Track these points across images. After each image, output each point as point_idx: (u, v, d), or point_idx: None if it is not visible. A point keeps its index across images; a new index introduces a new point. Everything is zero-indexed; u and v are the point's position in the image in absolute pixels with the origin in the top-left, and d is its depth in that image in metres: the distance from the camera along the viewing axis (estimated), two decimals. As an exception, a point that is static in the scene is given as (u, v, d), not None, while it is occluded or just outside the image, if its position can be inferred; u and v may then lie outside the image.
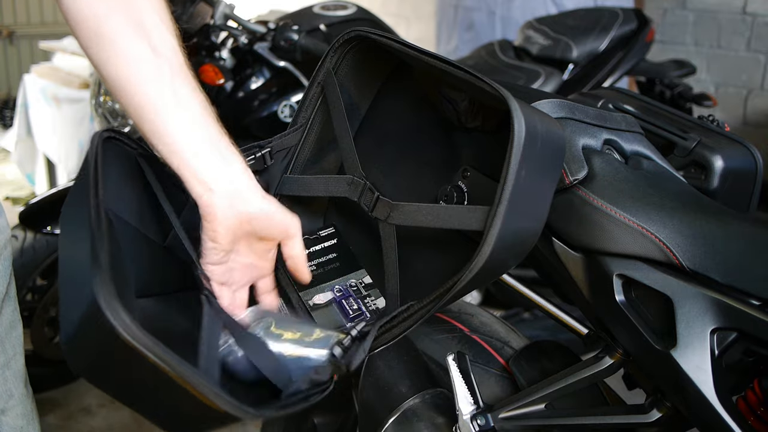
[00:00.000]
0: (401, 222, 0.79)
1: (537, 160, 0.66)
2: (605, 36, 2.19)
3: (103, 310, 0.53)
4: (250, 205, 0.70)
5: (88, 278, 0.55)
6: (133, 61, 0.66)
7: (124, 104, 0.68)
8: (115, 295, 0.54)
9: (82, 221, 0.62)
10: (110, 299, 0.54)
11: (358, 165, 0.84)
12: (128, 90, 0.67)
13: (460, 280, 0.66)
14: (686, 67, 2.42)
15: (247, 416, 0.59)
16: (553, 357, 0.94)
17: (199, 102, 0.69)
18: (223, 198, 0.68)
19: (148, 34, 0.67)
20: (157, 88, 0.66)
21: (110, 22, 0.66)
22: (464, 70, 0.69)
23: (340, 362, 0.73)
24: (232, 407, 0.57)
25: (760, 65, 2.90)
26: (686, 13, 3.10)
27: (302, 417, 1.19)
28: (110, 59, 0.67)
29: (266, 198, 0.72)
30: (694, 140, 0.88)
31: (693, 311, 0.68)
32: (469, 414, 0.84)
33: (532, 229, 0.70)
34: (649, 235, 0.71)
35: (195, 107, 0.69)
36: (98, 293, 0.54)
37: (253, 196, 0.71)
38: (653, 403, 0.76)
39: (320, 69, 0.87)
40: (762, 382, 0.69)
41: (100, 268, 0.56)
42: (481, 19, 3.46)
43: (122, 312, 0.53)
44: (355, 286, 0.91)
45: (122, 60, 0.66)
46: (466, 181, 0.86)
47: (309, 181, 0.89)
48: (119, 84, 0.67)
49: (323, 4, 2.14)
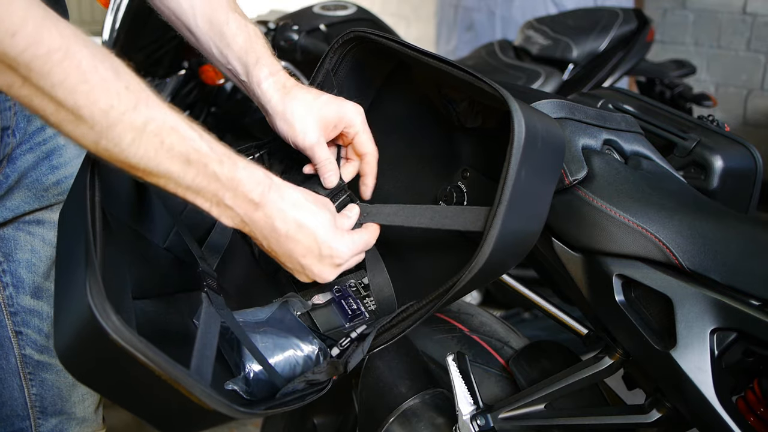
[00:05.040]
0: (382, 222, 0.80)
1: (537, 160, 0.66)
2: (605, 36, 2.19)
3: (94, 313, 0.53)
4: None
5: (82, 280, 0.55)
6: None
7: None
8: (105, 297, 0.54)
9: (79, 222, 0.62)
10: (101, 301, 0.53)
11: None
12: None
13: (460, 281, 0.66)
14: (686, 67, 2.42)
15: (238, 415, 0.59)
16: (553, 357, 0.94)
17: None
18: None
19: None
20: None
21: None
22: (464, 70, 0.69)
23: (338, 363, 0.73)
24: (223, 407, 0.57)
25: (760, 65, 2.90)
26: (686, 13, 3.10)
27: (302, 417, 1.20)
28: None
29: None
30: (693, 140, 0.88)
31: (693, 311, 0.68)
32: (469, 414, 0.84)
33: (532, 230, 0.70)
34: (649, 236, 0.71)
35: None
36: (89, 295, 0.54)
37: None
38: (653, 403, 0.76)
39: (319, 70, 0.87)
40: (762, 382, 0.69)
41: (93, 271, 0.55)
42: (481, 19, 3.46)
43: (113, 314, 0.53)
44: (354, 286, 0.91)
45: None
46: (466, 181, 0.86)
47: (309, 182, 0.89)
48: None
49: (323, 4, 2.14)
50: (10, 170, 0.81)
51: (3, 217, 0.83)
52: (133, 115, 0.56)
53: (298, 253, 0.68)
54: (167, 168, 0.59)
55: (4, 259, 0.86)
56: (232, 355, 0.77)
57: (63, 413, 0.92)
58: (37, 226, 0.87)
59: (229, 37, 0.79)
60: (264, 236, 0.67)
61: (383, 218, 0.79)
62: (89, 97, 0.54)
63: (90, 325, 0.54)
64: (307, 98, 0.77)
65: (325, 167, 0.80)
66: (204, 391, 0.56)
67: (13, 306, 0.87)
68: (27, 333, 0.88)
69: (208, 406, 0.56)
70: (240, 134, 2.11)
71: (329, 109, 0.78)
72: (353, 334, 0.78)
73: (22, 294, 0.87)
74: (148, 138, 0.57)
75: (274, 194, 0.65)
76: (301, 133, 0.77)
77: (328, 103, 0.78)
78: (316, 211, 0.68)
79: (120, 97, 0.55)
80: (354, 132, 0.80)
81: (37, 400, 0.90)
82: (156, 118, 0.58)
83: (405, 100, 0.92)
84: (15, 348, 0.88)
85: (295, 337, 0.77)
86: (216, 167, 0.61)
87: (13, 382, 0.88)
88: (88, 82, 0.54)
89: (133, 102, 0.56)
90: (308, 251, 0.68)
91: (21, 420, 0.90)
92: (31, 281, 0.88)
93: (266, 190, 0.64)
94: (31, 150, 0.82)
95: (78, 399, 0.94)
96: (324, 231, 0.68)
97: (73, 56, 0.53)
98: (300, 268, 0.70)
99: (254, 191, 0.63)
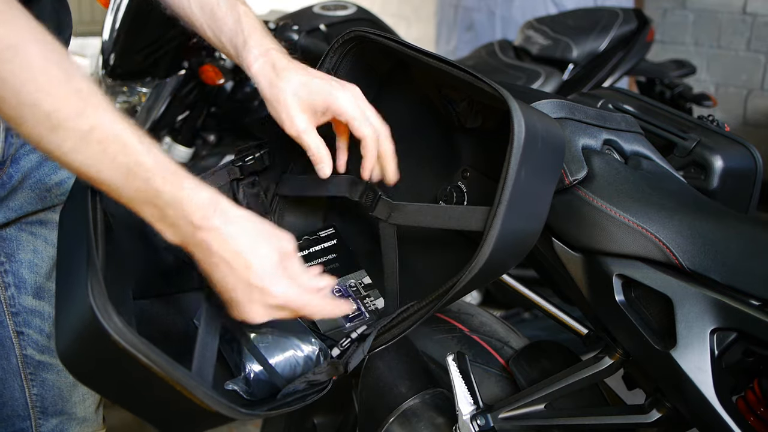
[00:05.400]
0: (402, 222, 0.79)
1: (537, 160, 0.66)
2: (605, 36, 2.19)
3: (96, 314, 0.53)
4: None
5: (84, 281, 0.55)
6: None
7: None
8: (107, 298, 0.54)
9: (80, 223, 0.62)
10: (103, 302, 0.53)
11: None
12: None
13: (460, 281, 0.66)
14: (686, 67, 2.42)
15: (239, 416, 0.59)
16: (553, 357, 0.94)
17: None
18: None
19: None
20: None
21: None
22: (464, 70, 0.69)
23: (338, 363, 0.73)
24: (225, 408, 0.57)
25: (760, 65, 2.90)
26: (686, 13, 3.10)
27: (302, 417, 1.20)
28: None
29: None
30: (693, 140, 0.88)
31: (693, 311, 0.68)
32: (469, 414, 0.84)
33: (532, 230, 0.70)
34: (649, 236, 0.71)
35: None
36: (91, 296, 0.54)
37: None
38: (653, 403, 0.76)
39: (319, 69, 0.87)
40: (762, 382, 0.69)
41: (95, 271, 0.55)
42: (481, 19, 3.46)
43: (114, 315, 0.53)
44: (354, 286, 0.91)
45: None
46: (466, 181, 0.86)
47: (309, 181, 0.89)
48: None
49: (323, 4, 2.14)
50: (13, 170, 0.81)
51: (6, 217, 0.83)
52: (78, 121, 0.55)
53: (229, 285, 0.63)
54: (109, 177, 0.57)
55: (7, 259, 0.86)
56: (233, 355, 0.77)
57: (63, 413, 0.92)
58: (39, 227, 0.87)
59: (221, 19, 0.77)
60: (202, 259, 0.63)
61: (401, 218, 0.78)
62: (33, 98, 0.53)
63: (91, 326, 0.54)
64: (297, 82, 0.74)
65: (315, 156, 0.76)
66: (206, 393, 0.56)
67: (15, 306, 0.87)
68: (28, 333, 0.88)
69: (209, 408, 0.56)
70: (240, 134, 2.11)
71: (318, 96, 0.74)
72: (353, 335, 0.78)
73: (24, 294, 0.87)
74: (91, 145, 0.56)
75: (217, 219, 0.61)
76: (287, 120, 0.74)
77: (318, 89, 0.74)
78: (259, 244, 0.63)
79: (67, 101, 0.54)
80: (345, 120, 0.75)
81: (37, 401, 0.90)
82: (103, 126, 0.56)
83: (405, 100, 0.92)
84: (16, 348, 0.88)
85: (295, 338, 0.77)
86: (159, 184, 0.58)
87: (14, 382, 0.88)
88: (35, 82, 0.53)
89: (80, 107, 0.55)
90: (239, 284, 0.63)
91: (22, 420, 0.90)
92: (33, 282, 0.88)
93: (210, 213, 0.61)
94: (34, 150, 0.81)
95: (78, 399, 0.94)
96: (261, 268, 0.62)
97: (24, 55, 0.52)
98: (233, 302, 0.64)
99: (196, 214, 0.60)
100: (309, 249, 0.94)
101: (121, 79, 1.98)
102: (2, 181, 0.80)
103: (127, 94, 2.01)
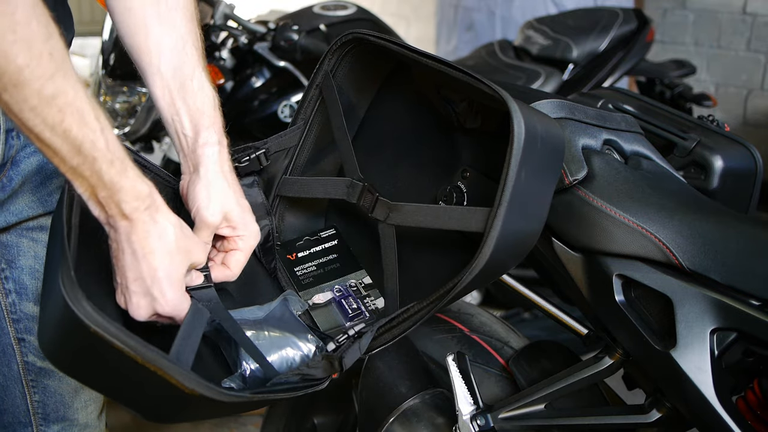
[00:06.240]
0: (400, 222, 0.79)
1: (537, 160, 0.66)
2: (605, 36, 2.19)
3: (66, 299, 0.53)
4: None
5: (58, 273, 0.56)
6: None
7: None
8: (77, 284, 0.54)
9: (57, 218, 0.63)
10: (72, 288, 0.54)
11: (357, 167, 0.84)
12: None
13: (461, 282, 0.66)
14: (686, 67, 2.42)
15: (220, 396, 0.59)
16: (553, 357, 0.94)
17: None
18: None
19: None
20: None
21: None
22: (463, 71, 0.69)
23: (332, 357, 0.72)
24: (203, 387, 0.57)
25: (760, 65, 2.90)
26: (686, 13, 3.10)
27: (302, 417, 1.20)
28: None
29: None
30: (693, 140, 0.89)
31: (693, 311, 0.68)
32: (469, 414, 0.84)
33: (532, 230, 0.70)
34: (649, 236, 0.71)
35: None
36: (61, 283, 0.54)
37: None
38: (653, 403, 0.76)
39: (318, 71, 0.87)
40: (762, 382, 0.69)
41: (65, 261, 0.56)
42: (481, 19, 3.47)
43: (84, 301, 0.54)
44: (354, 286, 0.91)
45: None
46: (466, 182, 0.86)
47: (308, 183, 0.89)
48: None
49: (323, 4, 2.14)
50: (14, 173, 0.80)
51: (6, 221, 0.82)
52: (46, 83, 0.55)
53: (130, 275, 0.65)
54: (57, 145, 0.58)
55: (7, 265, 0.85)
56: (231, 353, 0.77)
57: (65, 420, 0.92)
58: (40, 232, 0.87)
59: (189, 92, 0.79)
60: (115, 241, 0.64)
61: (401, 218, 0.78)
62: (11, 48, 0.53)
63: (66, 315, 0.54)
64: (232, 189, 0.76)
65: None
66: (181, 372, 0.56)
67: (16, 313, 0.86)
68: (29, 340, 0.87)
69: (189, 389, 0.56)
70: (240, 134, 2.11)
71: (237, 214, 0.76)
72: (350, 331, 0.78)
73: (25, 301, 0.87)
74: (51, 111, 0.56)
75: (146, 216, 0.63)
76: (210, 208, 0.75)
77: (241, 211, 0.76)
78: (174, 254, 0.65)
79: (41, 60, 0.54)
80: (235, 248, 0.77)
81: (39, 407, 0.90)
82: (67, 95, 0.56)
83: (404, 100, 0.92)
84: (17, 355, 0.87)
85: (293, 336, 0.77)
86: (103, 166, 0.59)
87: (15, 389, 0.88)
88: (15, 33, 0.53)
89: (51, 70, 0.55)
90: (139, 280, 0.65)
91: (23, 427, 0.90)
92: (35, 288, 0.87)
93: (141, 207, 0.62)
94: (35, 152, 0.81)
95: (81, 405, 0.93)
96: (167, 276, 0.65)
97: (10, 2, 0.52)
98: (124, 288, 0.66)
99: (128, 204, 0.61)
100: (310, 249, 0.94)
101: (121, 79, 1.98)
102: (2, 184, 0.79)
103: (127, 94, 2.01)
